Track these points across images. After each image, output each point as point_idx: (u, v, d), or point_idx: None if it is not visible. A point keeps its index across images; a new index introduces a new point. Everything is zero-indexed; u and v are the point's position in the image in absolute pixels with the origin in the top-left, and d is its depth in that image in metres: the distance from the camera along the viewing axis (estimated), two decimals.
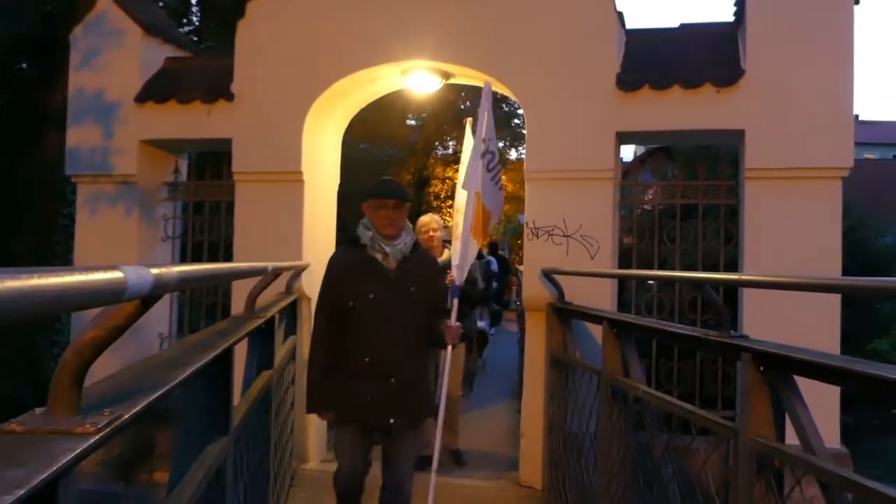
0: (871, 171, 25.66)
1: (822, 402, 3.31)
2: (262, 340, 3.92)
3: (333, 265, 4.00)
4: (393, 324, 3.81)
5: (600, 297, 5.66)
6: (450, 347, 4.10)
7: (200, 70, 6.96)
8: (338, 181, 7.35)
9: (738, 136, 5.85)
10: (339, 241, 3.97)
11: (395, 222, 3.89)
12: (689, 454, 3.86)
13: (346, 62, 6.29)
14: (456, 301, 4.35)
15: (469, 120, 5.60)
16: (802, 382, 2.38)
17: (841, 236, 5.69)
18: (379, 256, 3.85)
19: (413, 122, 21.13)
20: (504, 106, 21.58)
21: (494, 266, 12.36)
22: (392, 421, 3.82)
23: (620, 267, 6.45)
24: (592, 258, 5.88)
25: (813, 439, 2.29)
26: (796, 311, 5.24)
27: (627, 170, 15.10)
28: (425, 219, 6.35)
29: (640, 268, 6.48)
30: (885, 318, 14.65)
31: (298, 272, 5.87)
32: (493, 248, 15.16)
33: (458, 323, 4.13)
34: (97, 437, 1.12)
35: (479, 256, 11.91)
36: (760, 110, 5.70)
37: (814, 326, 5.31)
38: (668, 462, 3.54)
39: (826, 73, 5.64)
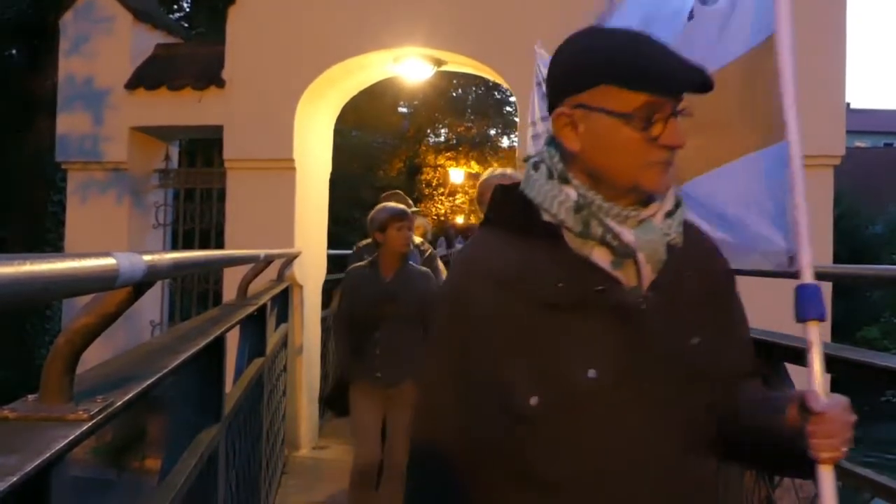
0: (863, 159, 25.76)
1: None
2: (254, 328, 3.91)
3: (465, 292, 1.29)
4: (653, 448, 1.22)
5: None
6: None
7: (191, 57, 6.92)
8: (330, 168, 7.33)
9: None
10: (494, 212, 1.41)
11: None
12: None
13: (337, 49, 6.26)
14: (815, 329, 1.53)
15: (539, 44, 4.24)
16: (793, 370, 2.39)
17: (832, 224, 5.72)
18: (604, 261, 1.25)
19: (405, 110, 21.09)
20: (496, 93, 21.57)
21: None
22: None
23: None
24: None
25: None
26: (787, 299, 5.24)
27: None
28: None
29: None
30: (875, 306, 14.76)
31: (290, 260, 5.86)
32: (467, 236, 14.45)
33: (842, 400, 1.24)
34: (90, 424, 1.12)
35: (449, 245, 11.34)
36: None
37: None
38: None
39: (818, 61, 5.64)
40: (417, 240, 5.68)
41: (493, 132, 23.46)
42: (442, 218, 20.35)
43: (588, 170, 1.26)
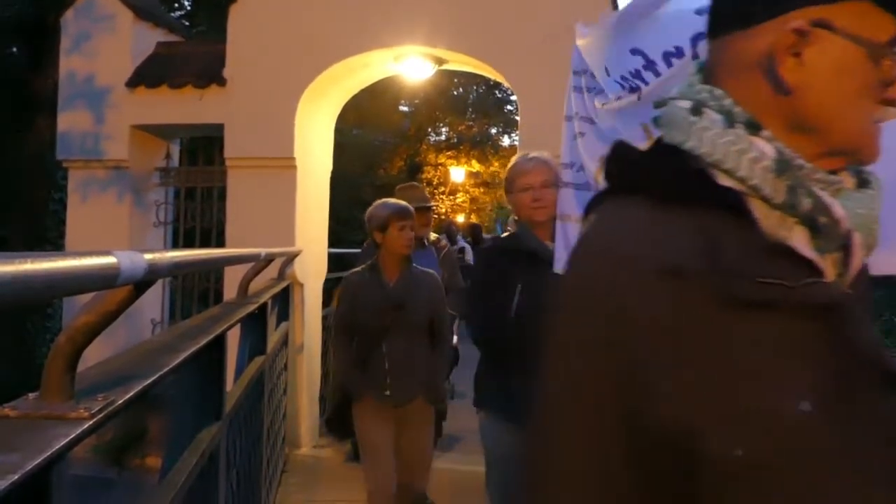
0: None
1: None
2: (255, 326, 3.90)
3: (623, 294, 0.79)
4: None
5: None
6: None
7: (192, 55, 6.92)
8: (330, 167, 7.33)
9: None
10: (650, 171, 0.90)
11: None
12: None
13: (338, 48, 6.25)
14: None
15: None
16: None
17: None
18: (804, 245, 0.84)
19: (406, 109, 21.07)
20: (497, 92, 21.55)
21: (471, 256, 10.28)
22: None
23: None
24: None
25: None
26: None
27: None
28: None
29: None
30: (875, 306, 14.75)
31: (291, 258, 5.86)
32: (475, 233, 14.35)
33: None
34: (91, 422, 1.11)
35: (452, 241, 11.32)
36: None
37: None
38: None
39: None
40: (433, 236, 5.67)
41: (494, 131, 23.48)
42: (443, 217, 20.36)
43: (794, 117, 0.87)
